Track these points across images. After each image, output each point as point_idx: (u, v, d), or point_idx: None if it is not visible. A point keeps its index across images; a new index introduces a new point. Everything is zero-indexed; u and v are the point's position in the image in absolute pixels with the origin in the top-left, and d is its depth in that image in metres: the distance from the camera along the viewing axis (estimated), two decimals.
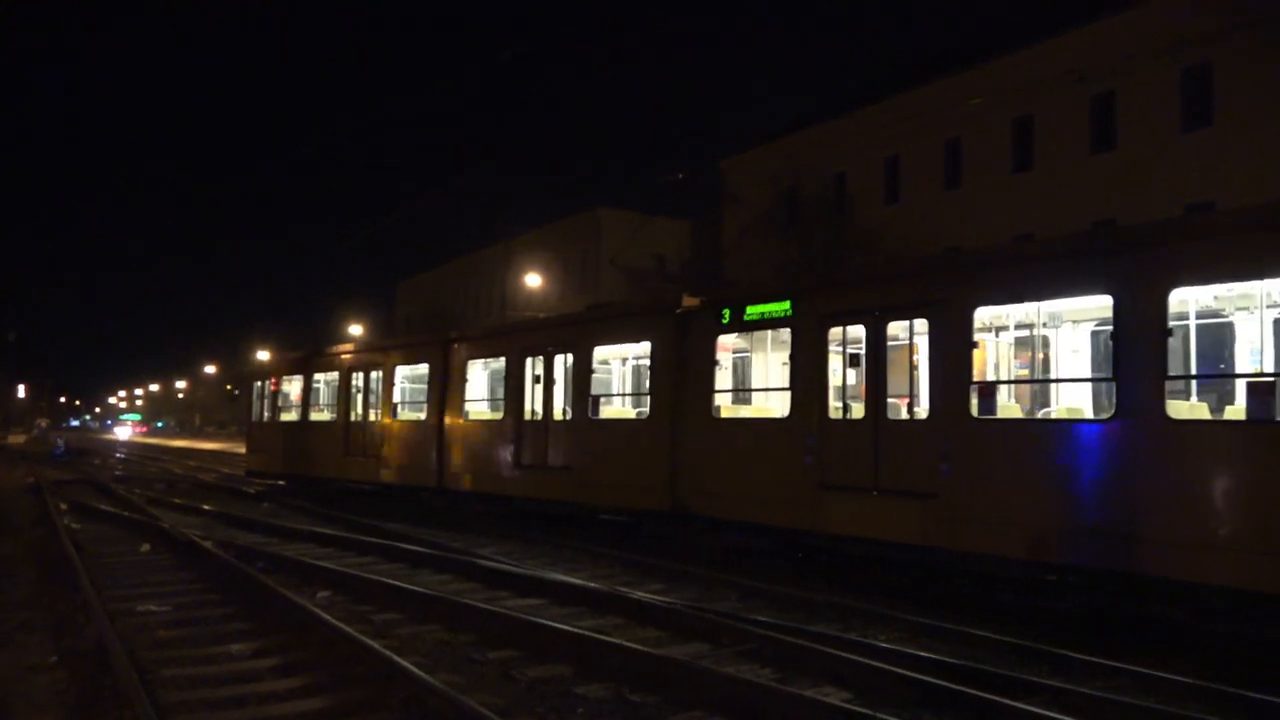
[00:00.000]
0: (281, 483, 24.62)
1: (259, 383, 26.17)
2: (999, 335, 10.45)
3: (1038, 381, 10.30)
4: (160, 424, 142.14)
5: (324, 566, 11.04)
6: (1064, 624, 8.63)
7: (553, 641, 7.38)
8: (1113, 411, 8.30)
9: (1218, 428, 8.10)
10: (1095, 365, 9.79)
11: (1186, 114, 24.85)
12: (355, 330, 52.27)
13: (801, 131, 36.96)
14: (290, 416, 24.36)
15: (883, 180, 33.17)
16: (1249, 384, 7.76)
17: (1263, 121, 22.84)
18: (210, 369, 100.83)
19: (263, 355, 49.97)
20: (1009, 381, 10.34)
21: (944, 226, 28.82)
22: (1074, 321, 10.14)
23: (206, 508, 18.97)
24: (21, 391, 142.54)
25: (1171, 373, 8.05)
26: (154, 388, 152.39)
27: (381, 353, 20.62)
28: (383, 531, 14.99)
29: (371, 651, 6.59)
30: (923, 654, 7.13)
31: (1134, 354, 8.10)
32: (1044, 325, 9.91)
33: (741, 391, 13.11)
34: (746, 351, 13.20)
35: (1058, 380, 10.15)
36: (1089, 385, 9.69)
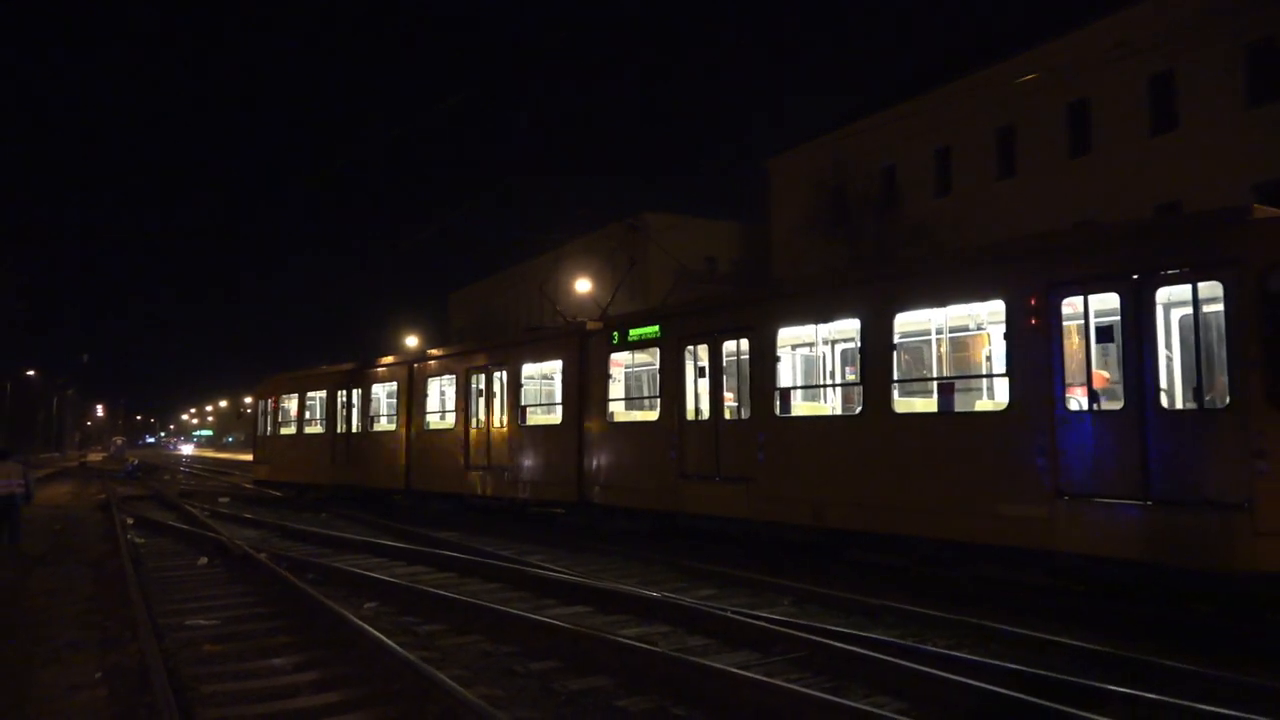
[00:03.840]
0: (278, 494, 27.21)
1: (262, 401, 28.95)
2: (796, 350, 12.84)
3: (818, 386, 12.52)
4: (229, 439, 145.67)
5: (373, 577, 10.99)
6: (1137, 627, 8.17)
7: (596, 651, 7.17)
8: (861, 407, 10.62)
9: (924, 418, 10.20)
10: (854, 372, 11.80)
11: (1251, 90, 23.73)
12: (411, 342, 52.82)
13: (848, 126, 36.32)
14: (289, 430, 27.03)
15: (933, 171, 32.36)
16: (938, 384, 10.18)
17: None
18: None
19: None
20: (799, 387, 12.65)
21: (998, 216, 28.01)
22: (841, 340, 12.22)
23: (266, 520, 19.27)
24: (100, 411, 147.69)
25: (895, 377, 10.39)
26: (223, 404, 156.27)
27: (360, 373, 23.15)
28: (433, 540, 14.98)
29: (409, 665, 6.45)
30: (986, 660, 6.76)
31: (873, 363, 10.46)
32: (823, 343, 12.33)
33: (627, 400, 15.23)
34: (651, 365, 14.86)
35: (832, 385, 12.36)
36: (852, 388, 11.44)
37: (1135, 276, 8.14)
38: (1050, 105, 28.15)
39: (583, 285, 34.98)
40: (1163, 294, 8.15)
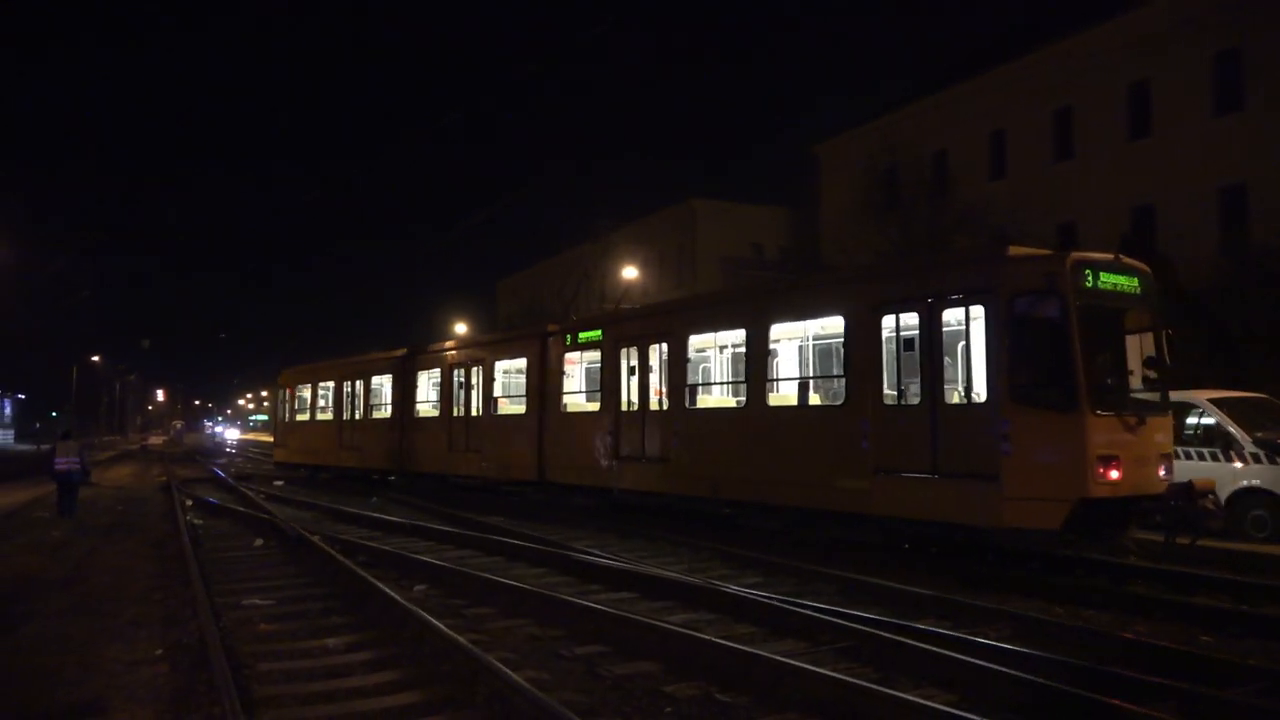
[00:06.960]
0: (303, 472, 29.46)
1: (281, 391, 31.69)
2: (707, 354, 14.85)
3: (714, 384, 14.67)
4: None
5: (423, 560, 11.15)
6: (1198, 619, 7.97)
7: (642, 637, 7.18)
8: (745, 401, 12.88)
9: (787, 410, 12.48)
10: (740, 373, 13.52)
11: None
12: (460, 329, 53.31)
13: (899, 110, 35.73)
14: (304, 417, 29.93)
15: (988, 155, 31.69)
16: (798, 383, 12.62)
17: None
18: None
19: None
20: (702, 384, 14.64)
21: (1055, 200, 27.37)
22: (736, 345, 13.90)
23: (319, 502, 19.67)
24: (160, 396, 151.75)
25: (770, 377, 12.81)
26: None
27: (363, 365, 25.93)
28: (481, 525, 15.16)
29: (458, 647, 6.53)
30: (1038, 653, 6.64)
31: (754, 366, 12.75)
32: (732, 347, 14.17)
33: (579, 393, 17.19)
34: (596, 363, 16.65)
35: (723, 383, 14.51)
36: (741, 385, 13.31)
37: (930, 300, 10.26)
38: (1109, 86, 27.36)
39: (629, 272, 34.90)
40: (947, 314, 10.26)
